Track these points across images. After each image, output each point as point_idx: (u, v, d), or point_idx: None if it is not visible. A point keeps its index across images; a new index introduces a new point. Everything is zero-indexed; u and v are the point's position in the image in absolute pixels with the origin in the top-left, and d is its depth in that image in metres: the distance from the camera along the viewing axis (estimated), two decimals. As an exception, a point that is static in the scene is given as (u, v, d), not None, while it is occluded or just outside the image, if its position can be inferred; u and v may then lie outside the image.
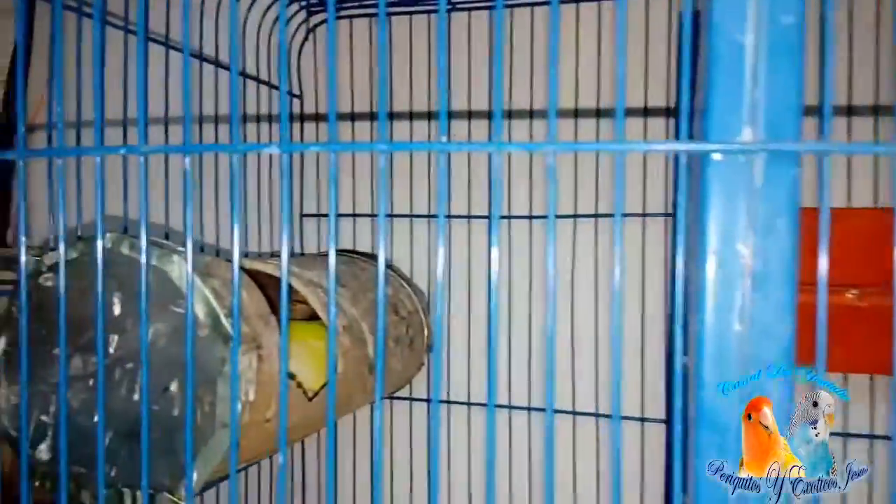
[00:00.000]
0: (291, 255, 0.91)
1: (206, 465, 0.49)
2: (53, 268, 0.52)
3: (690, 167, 0.31)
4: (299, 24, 0.93)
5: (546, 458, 0.32)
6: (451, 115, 0.90)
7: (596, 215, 0.84)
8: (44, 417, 0.53)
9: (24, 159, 0.38)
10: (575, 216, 0.85)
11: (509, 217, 0.88)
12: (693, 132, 0.31)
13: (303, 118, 0.95)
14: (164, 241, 0.52)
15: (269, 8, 0.87)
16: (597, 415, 0.85)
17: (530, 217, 0.87)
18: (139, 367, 0.50)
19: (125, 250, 0.51)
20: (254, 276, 0.65)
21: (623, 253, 0.62)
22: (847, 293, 0.63)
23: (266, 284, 0.67)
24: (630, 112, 0.81)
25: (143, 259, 0.38)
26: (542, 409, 0.87)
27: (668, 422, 0.80)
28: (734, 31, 0.30)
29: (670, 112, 0.81)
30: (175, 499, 0.50)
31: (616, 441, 0.34)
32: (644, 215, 0.82)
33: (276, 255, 0.79)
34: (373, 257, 0.89)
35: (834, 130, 0.46)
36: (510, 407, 0.88)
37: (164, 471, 0.50)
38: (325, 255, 0.83)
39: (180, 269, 0.50)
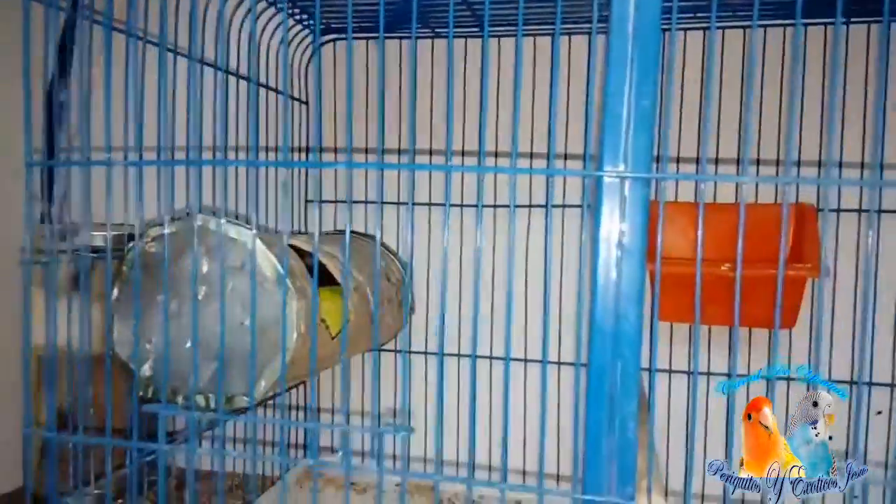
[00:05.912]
0: (301, 233, 1.12)
1: (270, 378, 0.71)
2: (156, 238, 0.73)
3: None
4: (308, 45, 1.13)
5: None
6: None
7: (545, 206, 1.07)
8: (147, 346, 0.74)
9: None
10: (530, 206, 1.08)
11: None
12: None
13: (309, 124, 1.16)
14: (239, 222, 0.73)
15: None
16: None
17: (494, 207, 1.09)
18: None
19: (213, 227, 0.72)
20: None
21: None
22: (723, 266, 0.87)
23: (299, 254, 0.89)
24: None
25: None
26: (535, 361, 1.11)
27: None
28: (617, 107, 0.53)
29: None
30: (246, 400, 0.71)
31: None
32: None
33: (297, 233, 1.00)
34: (368, 237, 1.11)
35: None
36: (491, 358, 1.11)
37: (241, 382, 0.71)
38: (334, 233, 1.04)
39: (252, 241, 0.71)
